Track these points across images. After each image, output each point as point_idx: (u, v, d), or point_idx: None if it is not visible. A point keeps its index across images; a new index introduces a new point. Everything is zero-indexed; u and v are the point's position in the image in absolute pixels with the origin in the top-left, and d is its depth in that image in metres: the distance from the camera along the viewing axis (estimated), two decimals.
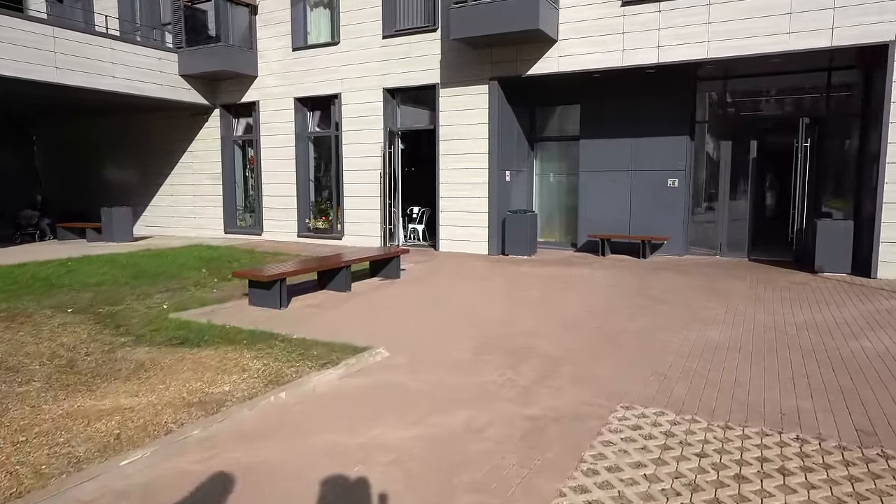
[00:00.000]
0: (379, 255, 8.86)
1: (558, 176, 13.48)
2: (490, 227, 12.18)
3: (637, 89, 11.88)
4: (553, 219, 13.61)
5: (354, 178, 13.71)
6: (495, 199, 12.09)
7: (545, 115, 13.47)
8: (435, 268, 10.42)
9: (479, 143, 12.16)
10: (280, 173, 14.80)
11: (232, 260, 10.81)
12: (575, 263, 10.91)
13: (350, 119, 13.62)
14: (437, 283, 8.92)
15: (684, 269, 10.21)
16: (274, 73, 14.54)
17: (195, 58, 14.22)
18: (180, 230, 16.64)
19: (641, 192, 12.11)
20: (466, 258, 11.66)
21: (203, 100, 15.19)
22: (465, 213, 12.46)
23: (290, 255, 11.75)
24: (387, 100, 13.16)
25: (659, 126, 11.82)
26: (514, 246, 11.94)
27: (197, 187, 16.21)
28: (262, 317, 6.61)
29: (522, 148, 13.16)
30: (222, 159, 15.63)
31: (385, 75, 13.06)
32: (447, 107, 12.42)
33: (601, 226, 12.48)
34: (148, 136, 17.04)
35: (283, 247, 13.50)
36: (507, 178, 12.45)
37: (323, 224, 14.39)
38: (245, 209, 15.94)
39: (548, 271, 10.00)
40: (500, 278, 9.33)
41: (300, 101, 14.35)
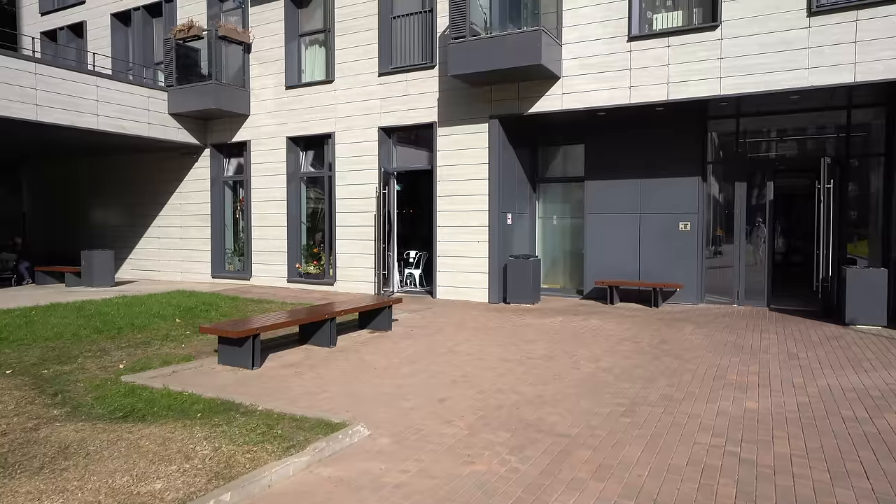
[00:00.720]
0: (368, 305, 8.06)
1: (562, 219, 12.79)
2: (490, 273, 11.41)
3: (645, 128, 11.29)
4: (557, 264, 12.85)
5: (348, 220, 13.02)
6: (496, 244, 11.36)
7: (548, 155, 12.87)
8: (430, 318, 9.59)
9: (478, 184, 11.51)
10: (270, 215, 14.12)
11: (212, 308, 10.00)
12: (582, 313, 10.09)
13: (344, 159, 13.02)
14: (432, 336, 8.09)
15: (702, 320, 9.38)
16: (266, 111, 14.03)
17: (185, 96, 13.74)
18: (167, 274, 15.88)
19: (651, 236, 11.38)
20: (465, 307, 10.85)
21: (193, 139, 14.65)
22: (463, 259, 11.70)
23: (275, 302, 10.94)
24: (382, 139, 12.58)
25: (669, 166, 11.18)
26: (517, 293, 11.14)
27: (185, 229, 15.52)
28: (229, 380, 5.77)
29: (524, 189, 12.50)
30: (211, 200, 14.99)
31: (381, 114, 12.51)
32: (445, 146, 11.83)
33: (609, 272, 11.70)
34: (137, 176, 16.46)
35: (271, 293, 12.70)
36: (508, 221, 11.75)
37: (314, 269, 13.63)
38: (234, 252, 15.22)
39: (554, 322, 9.17)
40: (502, 331, 8.50)
41: (293, 141, 13.79)
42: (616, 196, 11.68)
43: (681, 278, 11.11)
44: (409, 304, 11.01)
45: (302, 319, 7.02)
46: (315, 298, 11.80)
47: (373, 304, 8.17)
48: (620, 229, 11.65)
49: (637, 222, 11.52)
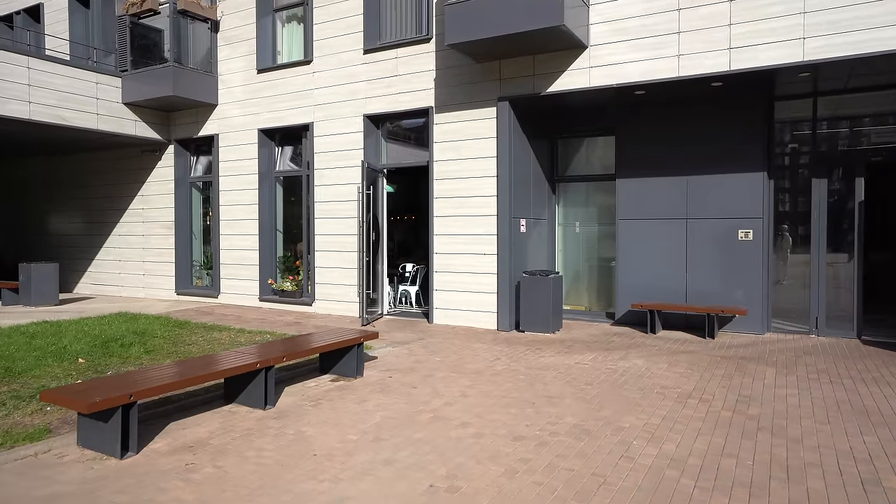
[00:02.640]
0: (327, 344, 5.83)
1: (588, 226, 10.50)
2: (500, 293, 9.15)
3: (696, 111, 9.02)
4: (581, 281, 10.55)
5: (328, 227, 10.84)
6: (507, 256, 9.10)
7: (570, 148, 10.60)
8: (419, 356, 7.35)
9: (484, 182, 9.28)
10: (240, 222, 12.00)
11: (140, 340, 7.84)
12: (617, 346, 7.79)
13: (323, 155, 10.86)
14: (415, 389, 5.85)
15: (780, 359, 7.04)
16: (236, 100, 11.93)
17: (141, 83, 11.69)
18: (128, 290, 13.79)
19: (702, 247, 9.07)
20: (467, 337, 8.58)
21: (154, 134, 12.59)
22: (466, 275, 9.46)
23: (230, 330, 8.76)
24: (368, 130, 10.41)
25: (725, 160, 8.88)
26: (533, 319, 8.86)
27: (147, 238, 13.44)
28: (72, 481, 3.58)
29: (541, 190, 10.25)
30: (175, 204, 12.90)
31: (366, 99, 10.35)
32: (443, 136, 9.62)
33: (647, 292, 9.39)
34: (94, 177, 14.44)
35: (236, 315, 10.53)
36: (522, 228, 9.50)
37: (290, 285, 11.46)
38: (203, 266, 13.10)
39: (583, 363, 6.88)
40: (513, 378, 6.22)
41: (265, 134, 11.67)
42: (656, 197, 9.39)
43: (741, 300, 8.78)
44: (396, 332, 8.78)
45: (222, 371, 4.79)
46: (286, 323, 9.60)
47: (335, 342, 5.93)
48: (661, 238, 9.35)
49: (683, 230, 9.22)
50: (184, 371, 4.64)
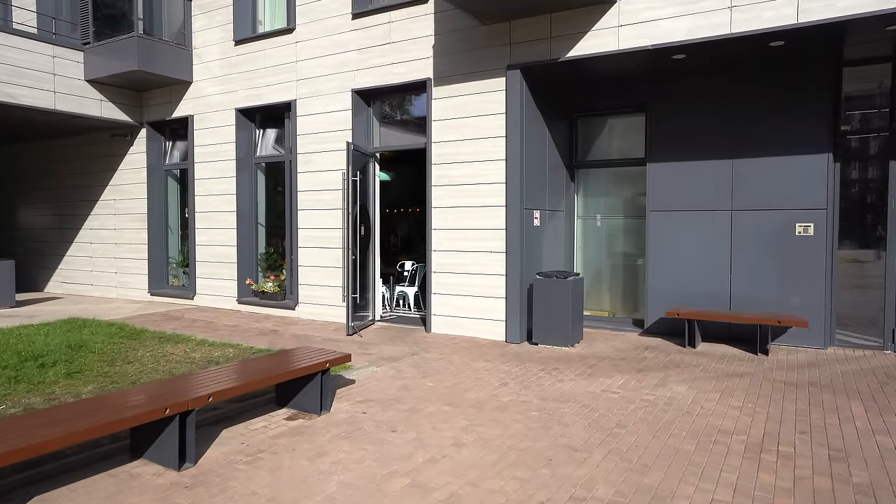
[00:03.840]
0: (279, 374, 4.44)
1: (612, 218, 9.03)
2: (509, 298, 7.72)
3: (746, 80, 7.53)
4: (604, 282, 9.09)
5: (312, 220, 9.47)
6: (517, 255, 7.67)
7: (592, 128, 9.12)
8: (409, 378, 5.96)
9: (491, 167, 7.85)
10: (217, 214, 10.66)
11: (81, 354, 6.53)
12: (652, 366, 6.34)
13: (307, 137, 9.47)
14: (395, 433, 4.46)
15: (863, 386, 5.56)
16: (212, 76, 10.57)
17: (104, 56, 10.36)
18: (100, 289, 12.53)
19: (750, 243, 7.58)
20: (469, 351, 7.17)
21: (123, 115, 11.27)
22: (470, 277, 8.04)
23: (191, 341, 7.41)
24: (358, 107, 9.00)
25: (781, 138, 7.38)
26: (547, 329, 7.43)
27: (119, 233, 12.17)
28: None
29: (558, 176, 8.79)
30: (148, 195, 11.59)
31: (355, 72, 8.94)
32: (443, 113, 8.19)
33: (683, 296, 7.93)
34: (63, 166, 13.19)
35: (207, 320, 9.21)
36: (535, 221, 8.06)
37: (273, 286, 10.11)
38: (180, 263, 11.80)
39: (611, 391, 5.45)
40: (523, 416, 4.82)
41: (244, 114, 10.31)
42: (694, 185, 7.91)
43: (797, 307, 7.30)
44: (386, 345, 7.39)
45: (112, 424, 3.41)
46: (260, 331, 8.26)
47: (295, 368, 4.55)
48: (701, 233, 7.88)
49: (727, 223, 7.73)
50: (64, 419, 3.28)
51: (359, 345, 7.52)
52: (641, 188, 8.54)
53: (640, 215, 8.64)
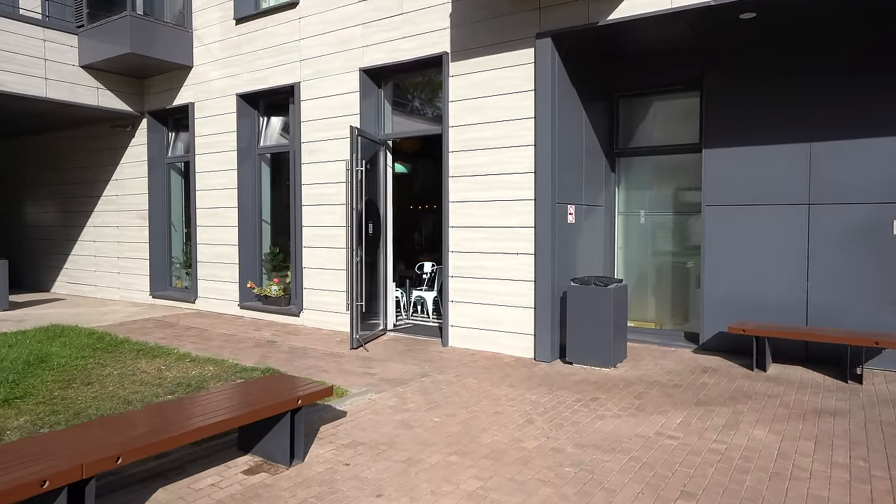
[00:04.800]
0: (234, 417, 3.40)
1: (659, 214, 7.77)
2: (538, 307, 6.56)
3: (828, 46, 6.19)
4: (648, 288, 7.84)
5: (317, 217, 8.46)
6: (548, 257, 6.50)
7: (637, 109, 7.86)
8: (412, 411, 4.87)
9: (518, 155, 6.69)
10: (218, 210, 9.76)
11: (38, 370, 5.65)
12: (715, 396, 5.11)
13: (312, 124, 8.47)
14: (379, 497, 3.38)
15: None
16: (213, 59, 9.66)
17: (97, 40, 9.55)
18: (103, 290, 11.82)
19: (833, 243, 6.25)
20: (490, 372, 6.04)
21: (122, 104, 10.48)
22: (492, 282, 6.91)
23: (171, 354, 6.47)
24: (367, 88, 7.94)
25: (874, 116, 6.03)
26: (584, 346, 6.24)
27: (122, 231, 11.41)
28: None
29: (597, 166, 7.58)
30: (149, 190, 10.78)
31: (363, 48, 7.88)
32: (462, 92, 7.07)
33: (746, 305, 6.65)
34: (67, 159, 12.52)
35: (202, 329, 8.30)
36: (570, 218, 6.88)
37: (277, 289, 9.15)
38: (184, 264, 10.97)
39: (668, 438, 4.27)
40: (553, 474, 3.69)
41: (245, 100, 9.36)
42: (761, 174, 6.61)
43: (892, 323, 5.95)
44: (394, 362, 6.32)
45: None
46: (256, 342, 7.28)
47: (251, 411, 3.50)
48: (769, 231, 6.58)
49: (802, 219, 6.42)
50: None
51: (363, 361, 6.47)
52: (695, 179, 7.27)
53: (693, 211, 7.37)
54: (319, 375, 5.82)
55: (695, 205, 7.39)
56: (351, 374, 5.90)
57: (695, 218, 7.41)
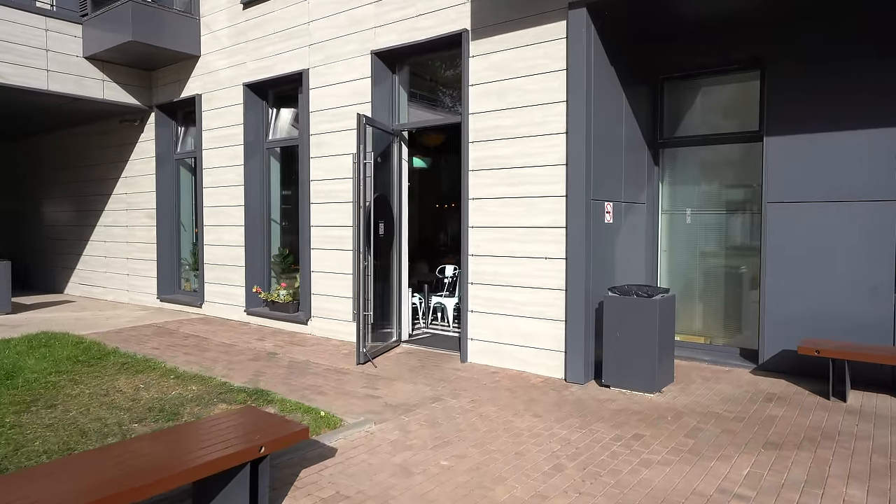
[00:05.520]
0: (163, 479, 2.64)
1: (709, 213, 6.79)
2: (570, 320, 5.68)
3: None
4: (696, 297, 6.87)
5: (326, 216, 7.74)
6: (582, 262, 5.61)
7: (685, 94, 6.90)
8: (415, 448, 4.08)
9: (547, 145, 5.82)
10: (225, 209, 9.14)
11: (8, 389, 5.05)
12: (788, 438, 4.16)
13: (321, 114, 7.75)
14: None
15: None
16: (220, 47, 9.04)
17: (100, 28, 9.02)
18: (113, 292, 11.36)
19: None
20: (513, 396, 5.20)
21: (130, 98, 9.96)
22: (517, 291, 6.05)
23: (157, 372, 5.81)
24: (379, 74, 7.17)
25: None
26: (624, 365, 5.33)
27: (131, 230, 10.92)
28: None
29: (638, 158, 6.65)
30: (157, 188, 10.24)
31: (375, 29, 7.11)
32: (483, 75, 6.23)
33: (817, 320, 5.64)
34: (80, 157, 12.11)
35: (202, 337, 7.65)
36: (607, 217, 5.98)
37: (285, 294, 8.47)
38: (193, 266, 10.40)
39: (734, 494, 3.36)
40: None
41: (253, 90, 8.70)
42: (837, 165, 5.60)
43: None
44: (403, 381, 5.52)
45: None
46: (256, 353, 6.58)
47: (203, 461, 2.74)
48: (846, 232, 5.56)
49: (890, 219, 5.39)
50: None
51: (368, 380, 5.70)
52: (753, 172, 6.29)
53: (750, 209, 6.39)
54: (315, 398, 5.07)
55: (751, 202, 6.40)
56: (351, 397, 5.13)
57: (751, 217, 6.42)
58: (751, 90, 6.35)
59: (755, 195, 6.36)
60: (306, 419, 4.44)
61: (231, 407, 4.71)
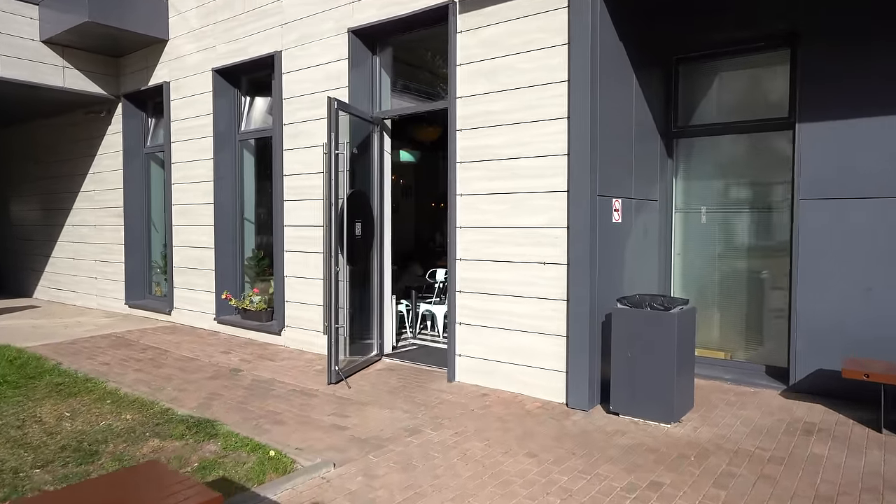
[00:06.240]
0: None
1: (728, 212, 5.98)
2: (573, 335, 4.88)
3: None
4: (713, 306, 6.06)
5: (301, 214, 6.95)
6: (586, 267, 4.81)
7: (702, 76, 6.09)
8: (378, 502, 3.27)
9: (544, 132, 5.02)
10: (193, 207, 8.36)
11: None
12: (848, 492, 3.37)
13: (295, 101, 6.96)
14: None
15: None
16: (190, 30, 8.26)
17: (57, 10, 8.23)
18: (82, 297, 10.58)
19: None
20: (505, 425, 4.40)
21: (94, 86, 9.18)
22: (511, 301, 5.25)
23: (91, 397, 5.02)
24: (357, 55, 6.37)
25: None
26: (636, 389, 4.53)
27: (100, 231, 10.14)
28: None
29: (649, 149, 5.86)
30: (125, 184, 9.47)
31: (353, 4, 6.32)
32: (473, 52, 5.43)
33: (858, 335, 4.84)
34: (49, 152, 11.34)
35: (161, 350, 6.87)
36: (615, 215, 5.18)
37: (258, 301, 7.68)
38: (164, 269, 9.61)
39: None
40: None
41: (223, 76, 7.92)
42: (884, 155, 4.80)
43: None
44: (378, 406, 4.72)
45: None
46: (217, 370, 5.79)
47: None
48: (893, 234, 4.77)
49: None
50: None
51: (337, 404, 4.91)
52: (782, 165, 5.49)
53: (777, 206, 5.59)
54: (270, 430, 4.28)
55: (779, 199, 5.61)
56: (314, 427, 4.34)
57: (779, 216, 5.62)
58: (780, 71, 5.55)
59: (784, 191, 5.56)
60: (251, 460, 3.65)
61: (164, 443, 3.93)
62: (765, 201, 5.78)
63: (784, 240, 5.52)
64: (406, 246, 12.42)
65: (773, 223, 5.71)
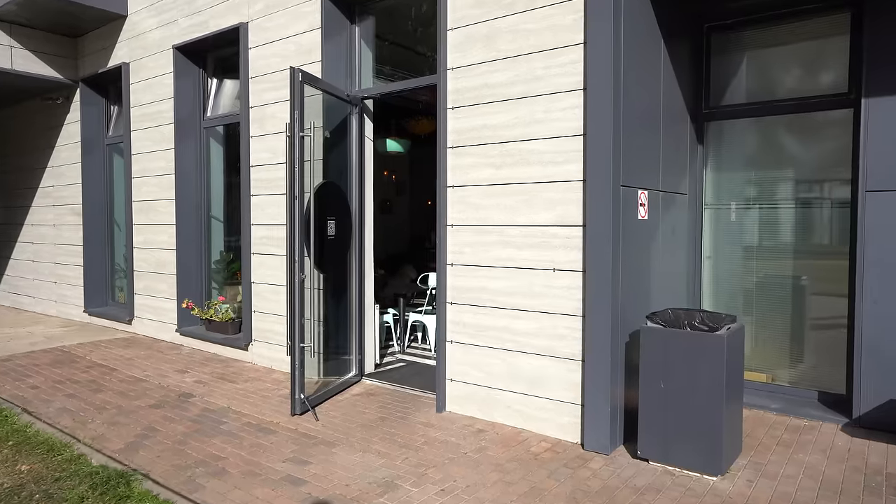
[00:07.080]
0: None
1: (769, 208, 5.03)
2: (589, 357, 3.92)
3: None
4: (750, 319, 5.10)
5: (269, 211, 6.00)
6: (607, 274, 3.85)
7: (738, 48, 5.12)
8: None
9: (554, 107, 4.06)
10: (153, 203, 7.41)
11: None
12: None
13: (262, 81, 6.01)
14: None
15: None
16: (150, 3, 7.31)
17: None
18: (42, 303, 9.63)
19: None
20: (504, 476, 3.44)
21: (48, 69, 8.24)
22: (513, 315, 4.29)
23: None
24: (332, 23, 5.42)
25: None
26: (671, 429, 3.58)
27: (58, 230, 9.19)
28: None
29: (678, 133, 4.90)
30: (83, 179, 8.52)
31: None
32: (466, 14, 4.48)
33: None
34: (9, 144, 10.39)
35: (109, 367, 5.92)
36: (641, 211, 4.22)
37: (224, 310, 6.73)
38: (125, 274, 8.66)
39: None
40: None
41: (185, 54, 6.97)
42: None
43: None
44: (348, 448, 3.77)
45: None
46: (166, 394, 4.84)
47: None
48: None
49: None
50: None
51: (300, 444, 3.96)
52: (839, 151, 4.54)
53: (832, 201, 4.64)
54: (205, 486, 3.33)
55: (835, 192, 4.66)
56: (261, 482, 3.39)
57: (835, 212, 4.68)
58: (835, 40, 4.60)
59: (842, 182, 4.61)
60: None
61: None
62: (817, 195, 4.83)
63: (842, 240, 4.57)
64: (399, 248, 11.49)
65: (828, 221, 4.76)
